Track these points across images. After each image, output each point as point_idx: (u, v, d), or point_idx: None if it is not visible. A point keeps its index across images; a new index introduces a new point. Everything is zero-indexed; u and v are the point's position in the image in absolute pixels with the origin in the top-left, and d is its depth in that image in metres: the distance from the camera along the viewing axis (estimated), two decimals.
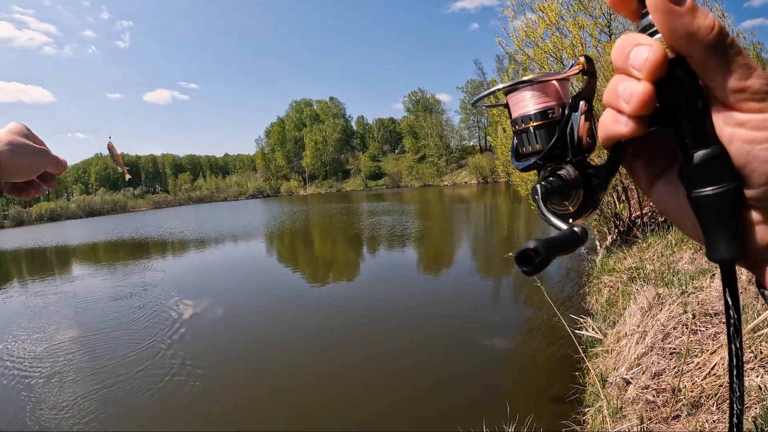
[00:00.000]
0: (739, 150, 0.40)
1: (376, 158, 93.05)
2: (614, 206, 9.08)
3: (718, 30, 0.38)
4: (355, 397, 6.30)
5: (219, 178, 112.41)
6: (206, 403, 6.25)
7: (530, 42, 9.25)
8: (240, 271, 15.91)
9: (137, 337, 8.96)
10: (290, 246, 22.70)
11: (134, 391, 6.72)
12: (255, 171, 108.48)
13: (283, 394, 6.52)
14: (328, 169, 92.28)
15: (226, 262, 17.98)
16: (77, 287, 14.60)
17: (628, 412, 3.77)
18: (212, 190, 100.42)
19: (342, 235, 24.07)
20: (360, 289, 12.30)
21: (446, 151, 75.66)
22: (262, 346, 8.22)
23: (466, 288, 11.01)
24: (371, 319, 9.38)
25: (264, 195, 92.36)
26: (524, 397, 5.30)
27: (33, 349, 8.85)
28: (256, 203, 69.35)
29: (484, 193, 43.88)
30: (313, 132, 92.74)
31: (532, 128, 0.56)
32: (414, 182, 73.81)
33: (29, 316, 11.36)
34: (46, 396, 6.80)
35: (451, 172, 70.99)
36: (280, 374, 7.13)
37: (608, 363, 4.98)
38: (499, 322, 8.31)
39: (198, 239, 26.10)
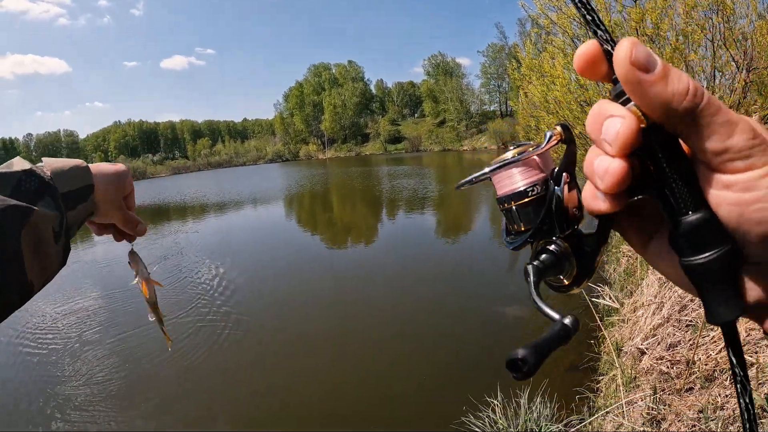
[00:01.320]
0: (728, 214, 0.38)
1: (396, 122, 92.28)
2: None
3: (693, 92, 0.36)
4: (371, 355, 6.44)
5: (238, 143, 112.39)
6: (241, 353, 6.65)
7: (553, 6, 9.06)
8: (261, 235, 16.11)
9: (186, 294, 9.39)
10: (310, 209, 22.85)
11: (202, 337, 7.19)
12: (274, 135, 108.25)
13: (302, 349, 6.71)
14: (348, 132, 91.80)
15: (248, 226, 18.19)
16: (99, 253, 14.82)
17: (641, 381, 3.82)
18: (231, 155, 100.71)
19: (361, 199, 24.17)
20: (378, 253, 12.42)
21: (466, 115, 74.69)
22: (281, 309, 8.38)
23: (483, 255, 11.05)
24: (388, 283, 9.50)
25: (283, 159, 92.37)
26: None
27: (77, 311, 9.12)
28: (275, 167, 69.55)
29: None
30: (331, 96, 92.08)
31: (515, 207, 0.56)
32: (434, 146, 73.25)
33: (61, 282, 11.61)
34: (124, 342, 7.07)
35: (471, 137, 70.22)
36: (300, 332, 7.32)
37: (624, 332, 5.02)
38: (514, 290, 8.34)
39: (220, 203, 26.33)
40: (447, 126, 76.39)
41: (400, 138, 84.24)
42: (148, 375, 6.50)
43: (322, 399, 5.51)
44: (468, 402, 4.34)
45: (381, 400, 5.35)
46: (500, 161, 0.56)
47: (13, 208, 0.68)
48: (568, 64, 8.55)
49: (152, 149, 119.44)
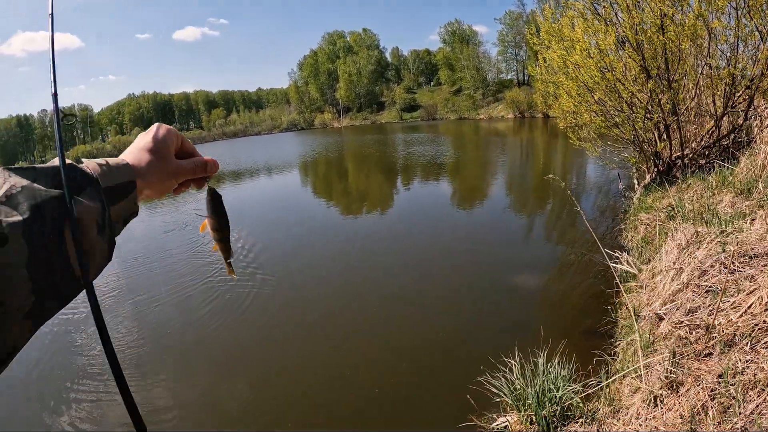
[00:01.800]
0: None
1: (411, 90, 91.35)
2: (655, 144, 8.84)
3: None
4: (386, 319, 6.51)
5: (252, 113, 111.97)
6: (265, 313, 6.73)
7: None
8: (277, 203, 16.18)
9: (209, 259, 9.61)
10: (325, 177, 22.87)
11: (235, 297, 7.38)
12: (288, 104, 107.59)
13: (320, 315, 6.79)
14: (363, 101, 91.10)
15: (263, 194, 18.26)
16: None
17: (659, 346, 3.81)
18: (246, 125, 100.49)
19: (376, 166, 24.12)
20: (392, 220, 12.44)
21: (483, 84, 73.59)
22: (299, 275, 8.45)
23: (500, 223, 11.02)
24: (403, 248, 9.55)
25: (298, 128, 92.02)
26: (555, 329, 5.38)
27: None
28: (291, 136, 69.43)
29: (520, 128, 43.06)
30: (346, 64, 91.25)
31: None
32: (450, 115, 72.51)
33: None
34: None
35: (488, 105, 69.34)
36: (318, 298, 7.41)
37: (642, 298, 5.00)
38: (531, 257, 8.35)
39: (235, 172, 26.41)
40: (463, 94, 75.42)
41: (416, 106, 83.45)
42: (173, 340, 6.63)
43: (340, 360, 5.60)
44: (486, 362, 4.38)
45: (398, 362, 5.41)
46: None
47: (55, 200, 0.69)
48: (588, 28, 8.39)
49: (167, 120, 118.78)
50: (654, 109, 8.22)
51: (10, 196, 0.65)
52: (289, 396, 5.14)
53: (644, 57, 7.81)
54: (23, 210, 0.65)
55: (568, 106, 9.88)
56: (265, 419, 4.82)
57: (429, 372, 5.18)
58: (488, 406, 4.15)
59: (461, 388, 4.36)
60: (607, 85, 8.47)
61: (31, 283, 0.62)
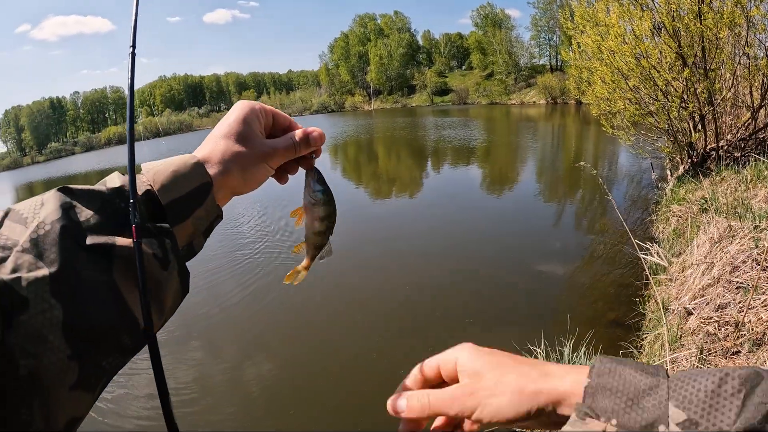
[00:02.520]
0: None
1: (443, 74, 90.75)
2: (689, 134, 8.65)
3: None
4: (413, 301, 6.57)
5: (283, 95, 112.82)
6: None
7: None
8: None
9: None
10: (354, 159, 22.91)
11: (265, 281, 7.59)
12: (319, 87, 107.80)
13: (348, 296, 6.88)
14: (394, 84, 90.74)
15: (295, 177, 18.36)
16: None
17: (687, 341, 3.78)
18: (276, 107, 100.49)
19: (406, 150, 24.10)
20: (422, 206, 12.46)
21: (515, 68, 72.59)
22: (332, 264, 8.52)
23: (529, 210, 10.96)
24: (432, 232, 9.58)
25: (328, 110, 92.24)
26: (582, 319, 5.37)
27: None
28: (321, 118, 69.61)
29: (552, 114, 42.47)
30: (377, 47, 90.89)
31: None
32: (481, 99, 71.79)
33: None
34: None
35: (520, 90, 68.44)
36: (346, 278, 7.49)
37: (671, 292, 4.95)
38: (560, 245, 8.31)
39: None
40: (495, 79, 74.56)
41: (447, 90, 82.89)
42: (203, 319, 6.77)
43: (363, 343, 5.67)
44: (511, 349, 4.36)
45: (423, 345, 5.44)
46: None
47: (94, 247, 0.57)
48: (623, 13, 8.22)
49: (198, 102, 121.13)
50: (689, 99, 8.06)
51: (36, 241, 0.54)
52: (311, 380, 5.23)
53: (680, 44, 7.64)
54: (51, 259, 0.53)
55: (602, 92, 9.73)
56: (284, 401, 4.94)
57: None
58: None
59: None
60: (642, 72, 8.30)
61: (70, 349, 0.51)
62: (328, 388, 5.05)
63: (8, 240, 0.54)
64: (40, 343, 0.49)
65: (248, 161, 0.76)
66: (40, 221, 0.55)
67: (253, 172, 0.77)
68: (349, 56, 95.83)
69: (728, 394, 0.47)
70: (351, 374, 5.22)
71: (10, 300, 0.48)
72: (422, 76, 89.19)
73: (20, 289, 0.49)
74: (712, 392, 0.48)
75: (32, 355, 0.48)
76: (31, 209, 0.58)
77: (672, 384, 0.51)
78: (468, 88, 76.65)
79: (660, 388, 0.52)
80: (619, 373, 0.55)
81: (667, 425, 0.49)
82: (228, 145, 0.75)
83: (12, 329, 0.48)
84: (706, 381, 0.49)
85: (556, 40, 70.79)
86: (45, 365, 0.49)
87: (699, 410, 0.47)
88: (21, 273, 0.50)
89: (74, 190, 0.61)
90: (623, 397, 0.53)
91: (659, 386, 0.52)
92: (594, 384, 0.56)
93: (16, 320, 0.48)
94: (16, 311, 0.48)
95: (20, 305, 0.49)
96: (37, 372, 0.48)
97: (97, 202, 0.61)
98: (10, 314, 0.48)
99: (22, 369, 0.47)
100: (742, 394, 0.46)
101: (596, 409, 0.54)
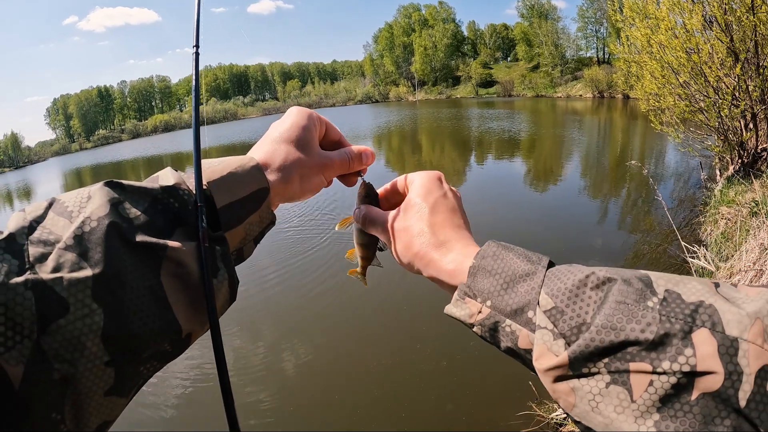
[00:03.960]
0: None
1: (488, 65, 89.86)
2: (740, 133, 8.39)
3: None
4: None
5: (327, 85, 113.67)
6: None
7: None
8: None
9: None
10: (398, 150, 22.95)
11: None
12: (363, 77, 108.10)
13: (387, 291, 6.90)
14: (438, 75, 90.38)
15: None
16: None
17: None
18: (321, 96, 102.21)
19: (451, 141, 24.02)
20: (465, 196, 12.39)
21: (561, 61, 71.23)
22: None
23: (573, 206, 10.79)
24: (474, 230, 9.53)
25: (372, 101, 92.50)
26: None
27: None
28: (365, 108, 69.83)
29: (598, 108, 41.56)
30: (422, 37, 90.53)
31: None
32: (526, 92, 70.75)
33: None
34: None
35: (566, 83, 67.16)
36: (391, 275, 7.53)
37: None
38: (603, 242, 8.19)
39: None
40: (540, 71, 73.35)
41: (492, 82, 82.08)
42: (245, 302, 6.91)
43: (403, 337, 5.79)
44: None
45: (465, 341, 5.45)
46: None
47: (143, 246, 0.53)
48: (674, 6, 8.01)
49: (243, 91, 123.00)
50: (741, 96, 7.82)
51: (81, 237, 0.50)
52: (344, 367, 5.32)
53: (732, 39, 7.41)
54: (95, 259, 0.49)
55: (651, 87, 9.53)
56: (318, 385, 5.04)
57: (490, 357, 5.19)
58: (549, 395, 4.13)
59: (524, 376, 4.36)
60: (693, 68, 8.09)
61: (108, 356, 0.48)
62: (360, 377, 5.12)
63: (51, 234, 0.50)
64: (77, 350, 0.46)
65: (308, 170, 0.74)
66: (86, 216, 0.52)
67: (311, 182, 0.75)
68: (394, 47, 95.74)
69: (589, 288, 0.51)
70: (383, 365, 5.26)
71: (49, 303, 0.45)
72: (467, 68, 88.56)
73: (61, 291, 0.46)
74: (578, 282, 0.51)
75: (67, 361, 0.45)
76: (77, 202, 0.54)
77: (550, 274, 0.56)
78: (513, 80, 75.71)
79: (536, 276, 0.56)
80: (502, 258, 0.60)
81: (534, 311, 0.54)
82: (289, 151, 0.73)
83: (48, 335, 0.45)
84: (576, 274, 0.53)
85: (603, 32, 69.31)
86: (80, 371, 0.46)
87: (565, 299, 0.51)
88: (63, 273, 0.47)
89: (124, 185, 0.57)
90: (500, 280, 0.58)
91: (536, 274, 0.56)
92: (476, 265, 0.61)
93: (55, 325, 0.45)
94: (54, 315, 0.45)
95: (59, 309, 0.45)
96: (71, 377, 0.46)
97: (147, 200, 0.57)
98: (47, 318, 0.45)
99: (55, 373, 0.45)
100: (602, 289, 0.50)
101: (474, 289, 0.60)
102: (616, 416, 0.44)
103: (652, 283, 0.48)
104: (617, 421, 0.44)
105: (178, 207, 0.59)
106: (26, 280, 0.45)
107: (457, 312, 0.62)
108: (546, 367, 0.50)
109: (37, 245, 0.48)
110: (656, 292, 0.46)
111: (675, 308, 0.44)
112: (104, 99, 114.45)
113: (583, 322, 0.49)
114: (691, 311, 0.44)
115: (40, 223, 0.51)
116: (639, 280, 0.48)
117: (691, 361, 0.41)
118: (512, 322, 0.56)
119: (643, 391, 0.43)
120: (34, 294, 0.44)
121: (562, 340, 0.49)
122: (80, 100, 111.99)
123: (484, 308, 0.59)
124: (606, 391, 0.45)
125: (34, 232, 0.50)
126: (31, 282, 0.45)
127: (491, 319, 0.58)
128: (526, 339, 0.54)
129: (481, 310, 0.59)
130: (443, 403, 4.60)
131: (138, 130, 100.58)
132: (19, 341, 0.43)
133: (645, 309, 0.45)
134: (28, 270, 0.46)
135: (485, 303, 0.58)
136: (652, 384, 0.42)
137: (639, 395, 0.43)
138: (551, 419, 3.92)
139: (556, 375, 0.50)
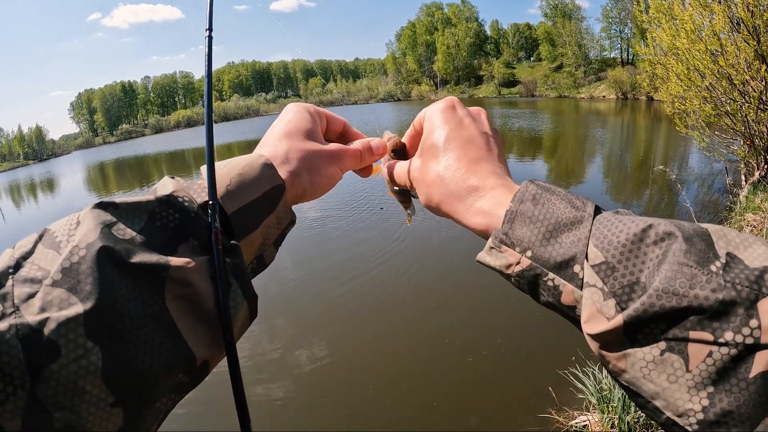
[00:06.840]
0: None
1: (511, 65, 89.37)
2: (767, 139, 8.25)
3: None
4: (475, 302, 6.52)
5: (349, 82, 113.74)
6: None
7: None
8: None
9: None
10: None
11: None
12: (385, 75, 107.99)
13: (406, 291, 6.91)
14: (461, 74, 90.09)
15: None
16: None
17: None
18: (343, 94, 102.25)
19: None
20: None
21: (584, 61, 70.50)
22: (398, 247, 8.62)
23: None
24: None
25: (395, 99, 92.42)
26: None
27: None
28: (387, 106, 69.76)
29: (622, 109, 41.10)
30: (445, 36, 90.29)
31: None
32: (549, 92, 70.09)
33: None
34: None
35: (589, 84, 66.44)
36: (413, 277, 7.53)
37: None
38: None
39: None
40: (564, 71, 72.75)
41: (515, 82, 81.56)
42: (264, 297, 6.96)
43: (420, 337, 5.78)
44: (575, 354, 4.23)
45: (487, 343, 5.47)
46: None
47: (141, 268, 0.47)
48: (699, 8, 7.91)
49: (265, 88, 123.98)
50: None
51: (69, 270, 0.44)
52: (360, 368, 5.34)
53: (760, 42, 7.29)
54: (86, 292, 0.43)
55: (676, 90, 9.40)
56: (334, 384, 5.06)
57: (515, 357, 5.19)
58: (570, 401, 4.08)
59: (545, 380, 4.34)
60: (719, 71, 7.98)
61: (112, 396, 0.43)
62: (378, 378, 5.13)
63: (39, 271, 0.44)
64: (76, 395, 0.41)
65: (316, 162, 0.69)
66: (74, 245, 0.45)
67: (322, 174, 0.69)
68: (416, 45, 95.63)
69: (648, 244, 0.46)
70: (400, 367, 5.26)
71: (37, 348, 0.40)
72: (490, 67, 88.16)
73: (49, 333, 0.40)
74: (634, 237, 0.46)
75: (67, 408, 0.41)
76: (65, 230, 0.48)
77: (597, 223, 0.50)
78: (536, 80, 75.15)
79: (583, 225, 0.50)
80: (543, 202, 0.54)
81: (582, 266, 0.49)
82: (291, 145, 0.67)
83: (42, 382, 0.40)
84: (630, 226, 0.47)
85: (628, 33, 68.49)
86: (83, 417, 0.42)
87: (618, 254, 0.46)
88: (50, 312, 0.41)
89: (117, 204, 0.50)
90: (542, 228, 0.52)
91: (583, 222, 0.51)
92: (514, 210, 0.55)
93: (47, 371, 0.40)
94: (45, 361, 0.40)
95: (49, 353, 0.40)
96: (74, 424, 0.41)
97: (144, 217, 0.51)
98: (38, 365, 0.40)
99: (56, 423, 0.40)
100: (660, 246, 0.45)
101: (513, 237, 0.54)
102: (669, 385, 0.42)
103: (714, 243, 0.44)
104: (669, 390, 0.42)
105: (179, 218, 0.53)
106: (10, 326, 0.40)
107: (492, 261, 0.57)
108: (597, 332, 0.46)
109: (23, 285, 0.43)
110: (718, 255, 0.42)
111: (739, 274, 0.40)
112: (128, 94, 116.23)
113: (637, 281, 0.45)
114: (756, 277, 0.40)
115: (27, 259, 0.45)
116: (701, 239, 0.44)
117: (756, 333, 0.38)
118: (555, 275, 0.51)
119: (701, 361, 0.40)
120: (20, 340, 0.40)
121: (613, 300, 0.45)
122: (104, 94, 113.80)
123: (523, 259, 0.53)
124: (660, 359, 0.42)
125: (20, 269, 0.44)
126: (15, 327, 0.40)
127: (531, 271, 0.53)
128: (570, 295, 0.50)
129: (520, 261, 0.54)
130: (460, 400, 4.62)
131: (161, 125, 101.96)
132: (11, 392, 0.39)
133: (709, 274, 0.41)
134: (13, 314, 0.41)
135: (525, 253, 0.53)
136: (711, 355, 0.39)
137: (695, 365, 0.40)
138: (570, 427, 3.89)
139: (608, 340, 0.46)
